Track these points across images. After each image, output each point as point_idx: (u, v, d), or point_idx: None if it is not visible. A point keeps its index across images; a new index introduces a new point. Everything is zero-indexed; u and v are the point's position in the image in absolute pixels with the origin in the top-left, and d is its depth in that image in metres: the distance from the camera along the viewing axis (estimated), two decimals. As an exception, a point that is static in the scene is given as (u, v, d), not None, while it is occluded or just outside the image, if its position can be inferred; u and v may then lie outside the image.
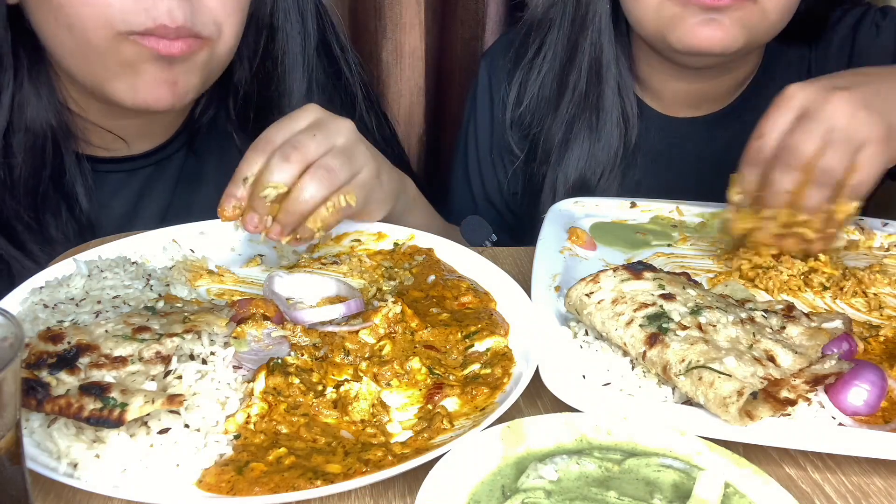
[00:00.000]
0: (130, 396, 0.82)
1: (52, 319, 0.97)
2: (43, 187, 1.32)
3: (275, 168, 1.06)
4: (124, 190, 1.44)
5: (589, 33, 1.54)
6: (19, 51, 1.27)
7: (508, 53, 1.69)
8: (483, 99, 1.74)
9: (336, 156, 1.10)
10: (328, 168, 1.09)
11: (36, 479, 0.80)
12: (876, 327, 1.09)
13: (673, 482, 0.78)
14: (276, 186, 1.06)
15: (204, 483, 0.81)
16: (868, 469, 0.88)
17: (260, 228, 1.08)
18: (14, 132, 1.28)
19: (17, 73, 1.27)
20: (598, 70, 1.56)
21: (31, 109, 1.29)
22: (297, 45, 1.45)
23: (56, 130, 1.31)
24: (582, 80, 1.57)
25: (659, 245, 1.30)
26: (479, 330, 1.04)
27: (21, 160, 1.29)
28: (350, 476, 0.81)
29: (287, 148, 1.07)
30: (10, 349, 0.67)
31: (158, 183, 1.47)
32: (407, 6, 1.99)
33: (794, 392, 0.89)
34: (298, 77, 1.46)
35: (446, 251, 1.22)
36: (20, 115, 1.28)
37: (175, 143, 1.47)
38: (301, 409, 0.91)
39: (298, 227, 1.10)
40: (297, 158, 1.07)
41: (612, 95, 1.56)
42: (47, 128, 1.30)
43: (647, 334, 0.95)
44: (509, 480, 0.79)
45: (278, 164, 1.06)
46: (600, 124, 1.57)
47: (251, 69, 1.44)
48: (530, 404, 0.96)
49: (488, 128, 1.74)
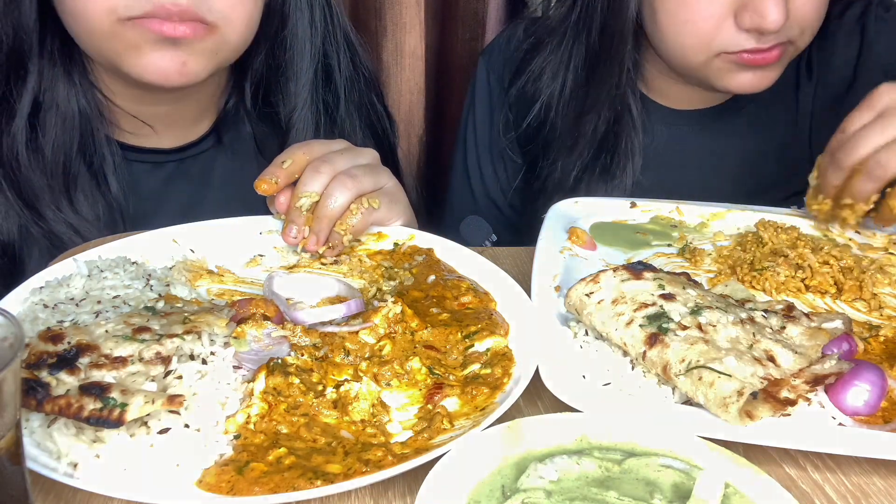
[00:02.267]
0: (130, 396, 0.82)
1: (52, 319, 0.97)
2: (73, 166, 1.36)
3: (308, 179, 1.16)
4: (150, 181, 1.47)
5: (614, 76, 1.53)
6: (47, 35, 1.32)
7: (508, 50, 1.69)
8: (482, 96, 1.74)
9: (360, 167, 1.20)
10: (352, 175, 1.17)
11: (36, 479, 0.80)
12: (876, 327, 1.09)
13: (673, 482, 0.78)
14: (310, 195, 1.15)
15: (204, 483, 0.81)
16: (868, 469, 0.88)
17: (299, 239, 1.16)
18: (45, 112, 1.33)
19: (44, 56, 1.32)
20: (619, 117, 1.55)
21: (61, 90, 1.34)
22: (306, 32, 1.48)
23: (87, 111, 1.36)
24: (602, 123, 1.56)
25: (659, 245, 1.30)
26: (479, 330, 1.04)
27: (51, 138, 1.33)
28: (350, 476, 0.81)
29: (317, 162, 1.17)
30: (10, 349, 0.67)
31: (183, 179, 1.50)
32: (407, 6, 1.99)
33: (794, 392, 0.89)
34: (306, 64, 1.49)
35: (446, 251, 1.22)
36: (51, 94, 1.33)
37: (205, 142, 1.51)
38: (301, 409, 0.91)
39: (330, 236, 1.17)
40: (327, 170, 1.17)
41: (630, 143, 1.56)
42: (77, 108, 1.35)
43: (647, 334, 0.95)
44: (509, 480, 0.79)
45: (311, 175, 1.16)
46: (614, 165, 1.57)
47: (262, 54, 1.47)
48: (530, 404, 0.96)
49: (487, 125, 1.74)
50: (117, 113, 1.42)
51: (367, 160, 1.24)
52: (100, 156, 1.38)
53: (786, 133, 1.62)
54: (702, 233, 1.33)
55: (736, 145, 1.62)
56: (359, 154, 1.24)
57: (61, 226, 1.34)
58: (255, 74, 1.49)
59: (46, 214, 1.34)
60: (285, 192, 1.18)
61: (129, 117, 1.42)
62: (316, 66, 1.50)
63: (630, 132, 1.56)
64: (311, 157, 1.19)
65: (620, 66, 1.52)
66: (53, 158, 1.33)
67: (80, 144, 1.36)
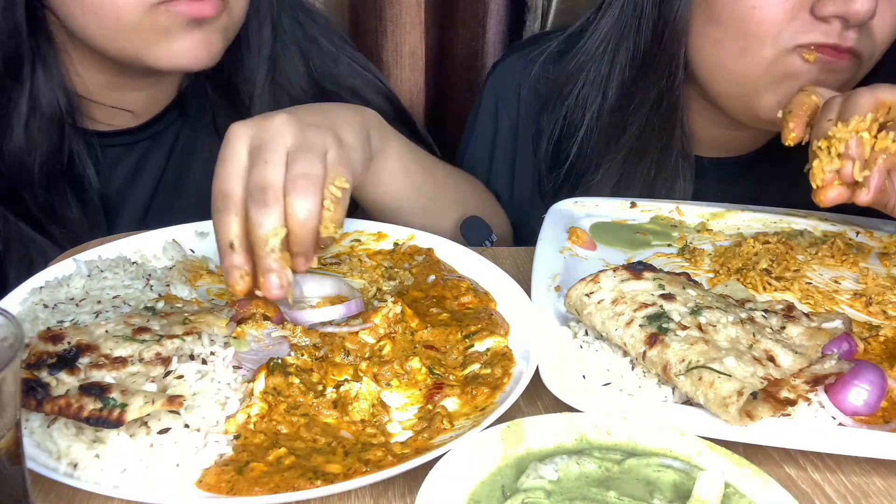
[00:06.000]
0: (130, 397, 0.82)
1: (52, 319, 0.97)
2: (56, 168, 1.35)
3: (260, 220, 0.95)
4: (124, 162, 1.48)
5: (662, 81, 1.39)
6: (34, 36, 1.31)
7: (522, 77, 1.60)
8: (485, 122, 1.66)
9: (296, 159, 0.99)
10: (302, 176, 0.97)
11: (36, 479, 0.80)
12: (876, 327, 1.09)
13: (673, 482, 0.78)
14: (277, 233, 0.95)
15: (204, 483, 0.81)
16: (868, 469, 0.89)
17: (285, 287, 0.97)
18: (33, 119, 1.32)
19: (33, 61, 1.31)
20: (665, 121, 1.42)
21: (44, 95, 1.33)
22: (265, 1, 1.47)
23: (65, 110, 1.35)
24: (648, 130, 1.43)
25: (659, 245, 1.30)
26: (479, 330, 1.04)
27: (39, 145, 1.33)
28: (350, 476, 0.81)
29: (255, 194, 0.96)
30: (10, 349, 0.67)
31: (154, 155, 1.50)
32: (407, 6, 1.99)
33: (794, 392, 0.89)
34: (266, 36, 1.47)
35: (446, 251, 1.22)
36: (34, 100, 1.32)
37: (170, 114, 1.51)
38: (301, 409, 0.91)
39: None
40: (272, 196, 0.96)
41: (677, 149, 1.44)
42: (58, 110, 1.34)
43: (647, 334, 0.95)
44: (509, 480, 0.79)
45: (258, 214, 0.95)
46: (659, 179, 1.44)
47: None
48: (530, 404, 0.96)
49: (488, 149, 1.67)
50: (93, 106, 1.41)
51: (286, 136, 1.00)
52: (80, 154, 1.38)
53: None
54: (702, 233, 1.33)
55: (763, 190, 1.51)
56: (274, 142, 0.99)
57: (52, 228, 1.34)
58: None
59: (32, 216, 1.34)
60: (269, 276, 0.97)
61: (105, 108, 1.41)
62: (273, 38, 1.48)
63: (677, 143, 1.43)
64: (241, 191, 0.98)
65: (675, 61, 1.38)
66: (37, 163, 1.33)
67: (61, 146, 1.35)
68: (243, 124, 1.02)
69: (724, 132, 1.50)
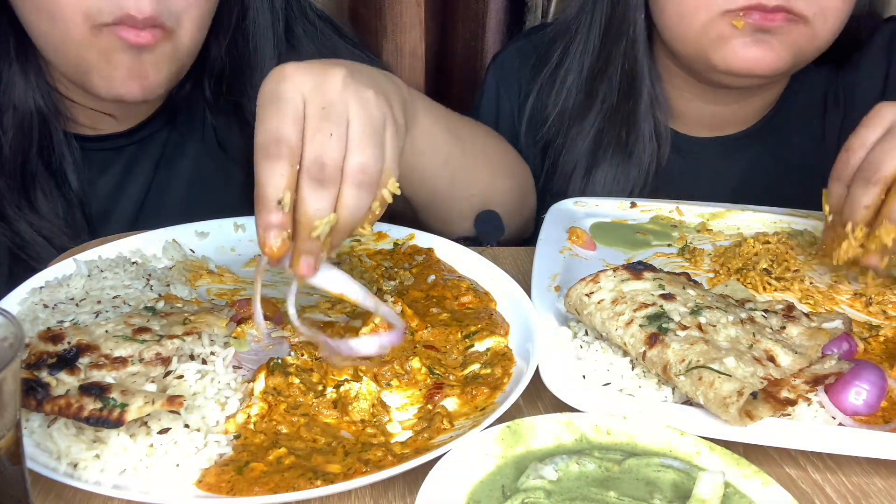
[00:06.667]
0: (130, 397, 0.82)
1: (52, 319, 0.97)
2: (32, 166, 1.35)
3: (313, 199, 0.87)
4: (112, 167, 1.47)
5: (623, 42, 1.48)
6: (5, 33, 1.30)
7: (522, 62, 1.64)
8: (489, 109, 1.68)
9: (362, 144, 0.90)
10: (364, 169, 0.89)
11: (36, 479, 0.80)
12: (876, 327, 1.09)
13: (673, 482, 0.78)
14: (330, 221, 0.88)
15: (204, 483, 0.81)
16: (868, 469, 0.88)
17: (316, 270, 0.91)
18: (2, 113, 1.32)
19: (4, 55, 1.31)
20: (630, 82, 1.49)
21: (18, 90, 1.32)
22: (266, 20, 1.45)
23: (44, 110, 1.34)
24: (613, 93, 1.50)
25: (659, 245, 1.30)
26: (479, 330, 1.04)
27: (9, 138, 1.32)
28: (350, 476, 0.81)
29: (313, 167, 0.87)
30: (10, 349, 0.67)
31: (142, 159, 1.49)
32: (407, 6, 1.99)
33: (794, 392, 0.89)
34: (269, 53, 1.46)
35: (446, 251, 1.22)
36: (8, 95, 1.32)
37: (157, 121, 1.49)
38: (301, 409, 0.91)
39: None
40: (331, 176, 0.87)
41: (645, 109, 1.50)
42: (34, 108, 1.33)
43: (647, 334, 0.95)
44: (509, 480, 0.79)
45: (314, 191, 0.86)
46: (631, 140, 1.50)
47: (223, 46, 1.44)
48: (530, 404, 0.96)
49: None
50: (75, 108, 1.40)
51: (350, 107, 0.90)
52: (58, 154, 1.37)
53: (811, 162, 1.52)
54: (702, 233, 1.34)
55: (756, 170, 1.56)
56: (337, 112, 0.90)
57: (22, 225, 1.33)
58: (214, 66, 1.45)
59: (7, 214, 1.33)
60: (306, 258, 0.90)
61: (88, 111, 1.40)
62: (279, 55, 1.46)
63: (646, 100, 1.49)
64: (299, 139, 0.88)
65: (634, 24, 1.46)
66: (11, 159, 1.32)
67: (38, 144, 1.35)
68: (299, 68, 0.91)
69: (710, 108, 1.54)
